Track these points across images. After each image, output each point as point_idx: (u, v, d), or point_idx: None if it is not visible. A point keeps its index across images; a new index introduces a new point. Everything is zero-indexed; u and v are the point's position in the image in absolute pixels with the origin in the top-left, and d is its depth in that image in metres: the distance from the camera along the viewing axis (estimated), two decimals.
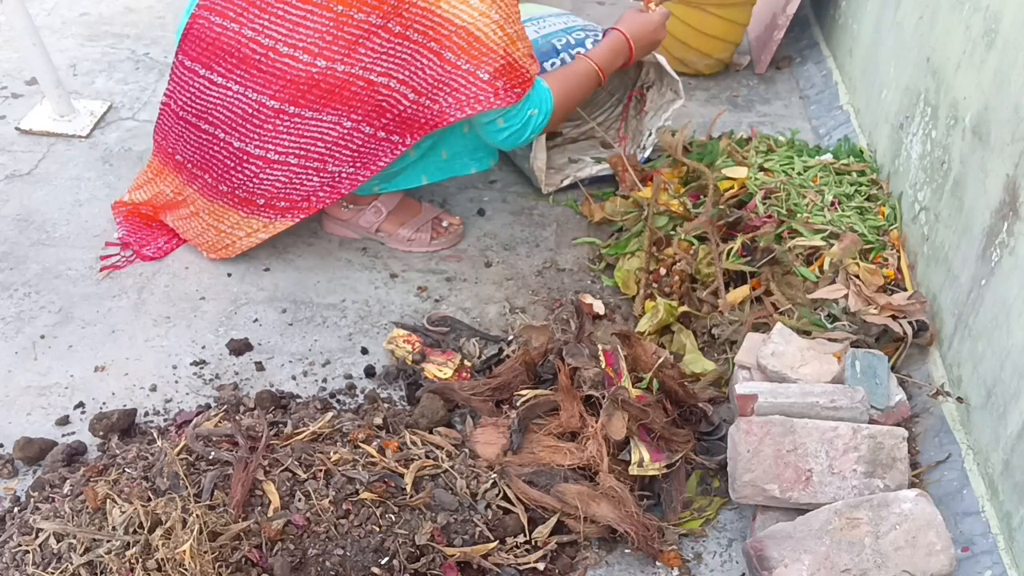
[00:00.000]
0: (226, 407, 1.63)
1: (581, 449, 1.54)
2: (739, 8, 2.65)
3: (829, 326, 1.72)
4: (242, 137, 1.85)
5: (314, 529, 1.37)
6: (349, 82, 1.77)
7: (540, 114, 1.85)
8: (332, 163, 1.85)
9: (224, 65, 1.83)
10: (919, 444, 1.59)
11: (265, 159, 1.85)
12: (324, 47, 1.75)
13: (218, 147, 1.89)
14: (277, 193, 1.89)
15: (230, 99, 1.84)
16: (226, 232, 1.98)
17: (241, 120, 1.84)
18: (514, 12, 1.76)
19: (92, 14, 2.96)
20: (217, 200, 1.96)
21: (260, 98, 1.81)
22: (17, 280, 1.96)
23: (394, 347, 1.79)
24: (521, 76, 1.77)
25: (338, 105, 1.79)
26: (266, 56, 1.79)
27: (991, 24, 1.59)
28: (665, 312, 1.82)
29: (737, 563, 1.51)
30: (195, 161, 1.95)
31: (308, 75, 1.77)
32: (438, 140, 1.91)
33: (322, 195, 1.89)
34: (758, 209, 1.94)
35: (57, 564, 1.32)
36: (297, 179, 1.87)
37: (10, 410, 1.69)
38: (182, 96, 1.91)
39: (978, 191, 1.58)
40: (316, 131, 1.82)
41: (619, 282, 1.98)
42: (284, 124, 1.82)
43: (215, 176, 1.93)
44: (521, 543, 1.46)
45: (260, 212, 1.93)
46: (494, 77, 1.73)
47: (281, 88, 1.79)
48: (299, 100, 1.79)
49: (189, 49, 1.88)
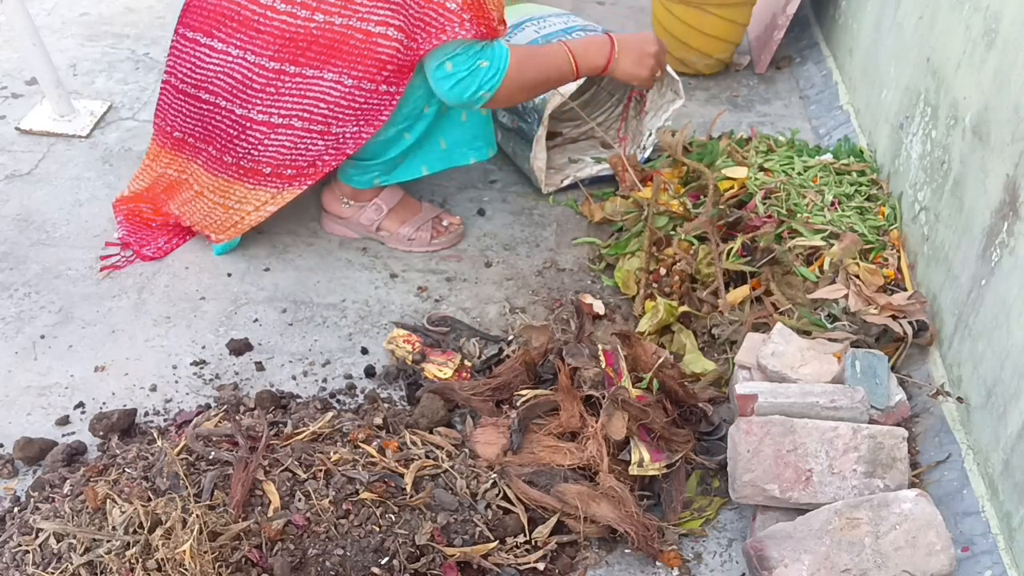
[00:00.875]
0: (226, 407, 1.63)
1: (581, 449, 1.54)
2: (739, 8, 2.65)
3: (829, 326, 1.72)
4: (244, 103, 1.85)
5: (314, 529, 1.37)
6: (348, 35, 1.76)
7: (490, 69, 1.78)
8: (336, 124, 1.84)
9: (224, 30, 1.83)
10: (919, 444, 1.59)
11: (268, 123, 1.85)
12: (321, 0, 1.75)
13: (220, 116, 1.89)
14: (283, 160, 1.88)
15: (230, 65, 1.84)
16: (234, 208, 1.97)
17: (242, 86, 1.84)
18: None
19: (92, 14, 2.96)
20: (222, 174, 1.95)
21: (260, 60, 1.81)
22: (17, 280, 1.96)
23: (394, 347, 1.79)
24: (487, 16, 1.73)
25: (338, 62, 1.78)
26: (264, 15, 1.79)
27: (991, 24, 1.59)
28: (665, 312, 1.82)
29: (737, 563, 1.51)
30: (197, 134, 1.95)
31: (307, 31, 1.77)
32: (436, 129, 1.92)
33: (327, 158, 1.88)
34: (758, 209, 1.94)
35: (57, 564, 1.32)
36: (302, 143, 1.86)
37: (10, 410, 1.69)
38: (182, 68, 1.92)
39: (978, 191, 1.58)
40: (318, 91, 1.81)
41: (619, 282, 1.98)
42: (285, 86, 1.82)
43: (218, 147, 1.92)
44: (521, 543, 1.46)
45: (267, 182, 1.92)
46: (462, 9, 1.70)
47: (280, 47, 1.79)
48: (299, 59, 1.79)
49: (190, 20, 1.88)
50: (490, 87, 1.79)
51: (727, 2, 2.62)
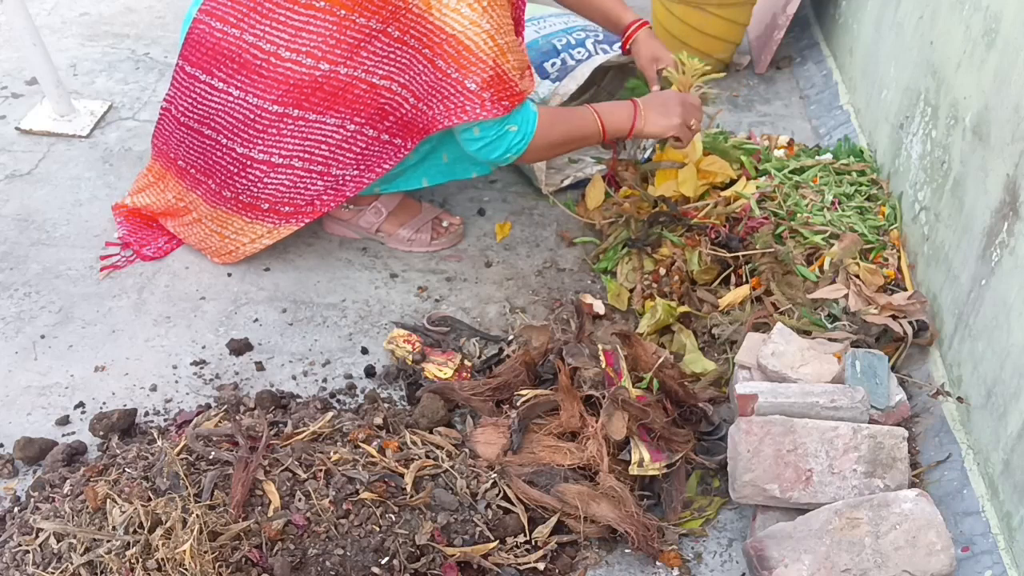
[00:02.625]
0: (226, 407, 1.63)
1: (581, 449, 1.54)
2: (739, 8, 2.65)
3: (829, 326, 1.72)
4: (244, 142, 1.85)
5: (314, 529, 1.37)
6: (352, 85, 1.77)
7: (519, 133, 1.78)
8: (336, 166, 1.85)
9: (224, 70, 1.83)
10: (919, 444, 1.59)
11: (269, 163, 1.85)
12: (327, 51, 1.75)
13: (220, 152, 1.89)
14: (281, 198, 1.89)
15: (231, 104, 1.84)
16: (230, 238, 1.98)
17: (243, 125, 1.84)
18: (505, 23, 1.72)
19: (92, 14, 2.96)
20: (220, 206, 1.95)
21: (261, 103, 1.81)
22: (17, 280, 1.96)
23: (394, 347, 1.79)
24: (509, 89, 1.73)
25: (341, 108, 1.79)
26: (267, 61, 1.78)
27: (991, 24, 1.59)
28: (664, 312, 1.82)
29: (737, 563, 1.51)
30: (198, 167, 1.95)
31: (311, 79, 1.77)
32: (439, 144, 1.91)
33: (326, 199, 1.90)
34: (753, 212, 1.94)
35: (57, 564, 1.32)
36: (301, 183, 1.87)
37: (10, 410, 1.69)
38: (183, 102, 1.91)
39: (978, 191, 1.58)
40: (320, 134, 1.82)
41: (611, 296, 1.96)
42: (288, 128, 1.82)
43: (218, 182, 1.93)
44: (521, 543, 1.46)
45: (264, 217, 1.93)
46: (481, 88, 1.70)
47: (284, 92, 1.79)
48: (302, 103, 1.79)
49: (189, 54, 1.87)
50: (517, 150, 1.81)
51: (727, 2, 2.62)
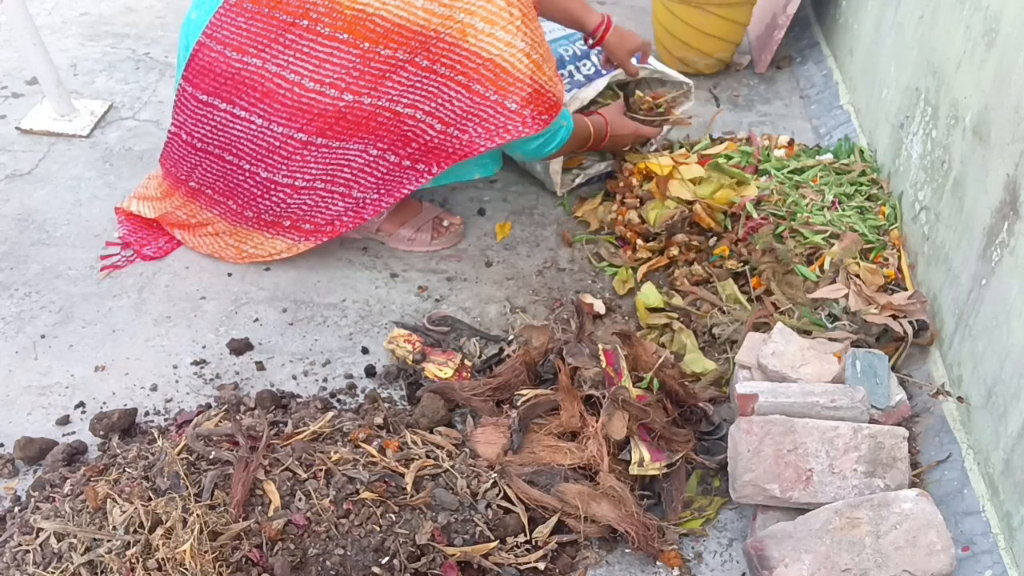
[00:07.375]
0: (226, 407, 1.63)
1: (581, 449, 1.54)
2: (739, 8, 2.65)
3: (829, 326, 1.72)
4: (269, 168, 1.87)
5: (314, 529, 1.37)
6: (375, 113, 1.79)
7: (567, 127, 1.91)
8: (357, 189, 1.88)
9: (246, 99, 1.83)
10: (919, 444, 1.59)
11: (292, 187, 1.88)
12: (351, 82, 1.76)
13: (243, 176, 1.91)
14: (303, 216, 1.93)
15: (254, 132, 1.85)
16: (247, 251, 2.01)
17: (267, 152, 1.86)
18: (539, 35, 1.77)
19: (92, 14, 2.96)
20: (241, 224, 1.99)
21: (286, 131, 1.82)
22: (17, 280, 1.96)
23: (394, 347, 1.79)
24: (548, 101, 1.79)
25: (364, 135, 1.81)
26: (291, 91, 1.79)
27: (991, 24, 1.59)
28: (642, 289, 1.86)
29: (737, 563, 1.51)
30: (217, 188, 1.97)
31: (335, 109, 1.78)
32: None
33: (346, 219, 1.92)
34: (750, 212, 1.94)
35: (57, 564, 1.32)
36: (323, 203, 1.90)
37: (10, 410, 1.69)
38: (199, 128, 1.91)
39: (978, 191, 1.58)
40: (343, 158, 1.84)
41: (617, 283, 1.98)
42: (312, 154, 1.84)
43: (240, 203, 1.95)
44: (521, 543, 1.46)
45: (285, 233, 1.96)
46: (522, 106, 1.75)
47: (308, 122, 1.80)
48: (326, 132, 1.81)
49: (199, 81, 1.87)
50: (562, 143, 1.93)
51: (727, 2, 2.62)
